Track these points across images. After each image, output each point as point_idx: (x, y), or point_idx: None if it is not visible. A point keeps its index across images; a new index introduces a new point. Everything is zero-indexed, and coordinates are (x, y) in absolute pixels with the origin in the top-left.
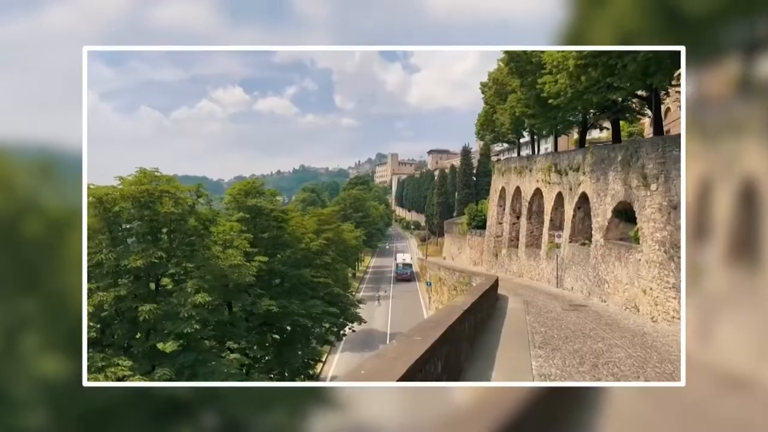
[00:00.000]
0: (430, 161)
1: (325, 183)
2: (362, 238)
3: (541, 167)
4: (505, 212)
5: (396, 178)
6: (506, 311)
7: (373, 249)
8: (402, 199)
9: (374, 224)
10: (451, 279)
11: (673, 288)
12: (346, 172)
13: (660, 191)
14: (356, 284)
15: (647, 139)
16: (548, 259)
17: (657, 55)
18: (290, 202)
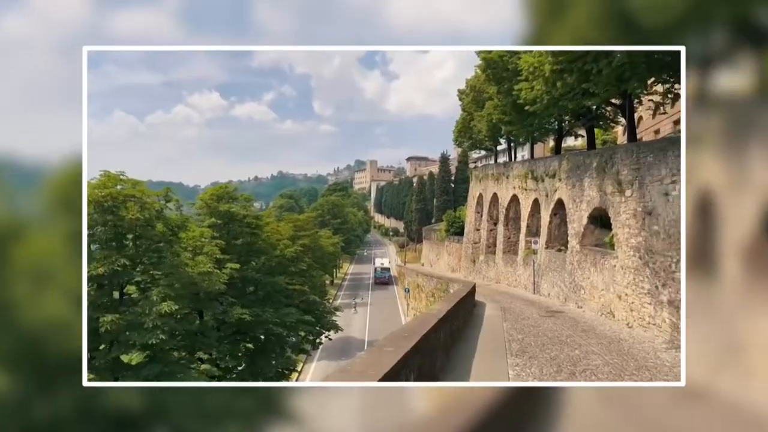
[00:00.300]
0: (409, 168)
1: (304, 189)
2: (340, 245)
3: (518, 174)
4: (483, 219)
5: (375, 184)
6: (483, 318)
7: (352, 256)
8: (381, 206)
9: (353, 231)
10: (429, 285)
11: (648, 294)
12: (325, 179)
13: (634, 197)
14: (334, 291)
15: (622, 146)
16: (525, 265)
17: (632, 60)
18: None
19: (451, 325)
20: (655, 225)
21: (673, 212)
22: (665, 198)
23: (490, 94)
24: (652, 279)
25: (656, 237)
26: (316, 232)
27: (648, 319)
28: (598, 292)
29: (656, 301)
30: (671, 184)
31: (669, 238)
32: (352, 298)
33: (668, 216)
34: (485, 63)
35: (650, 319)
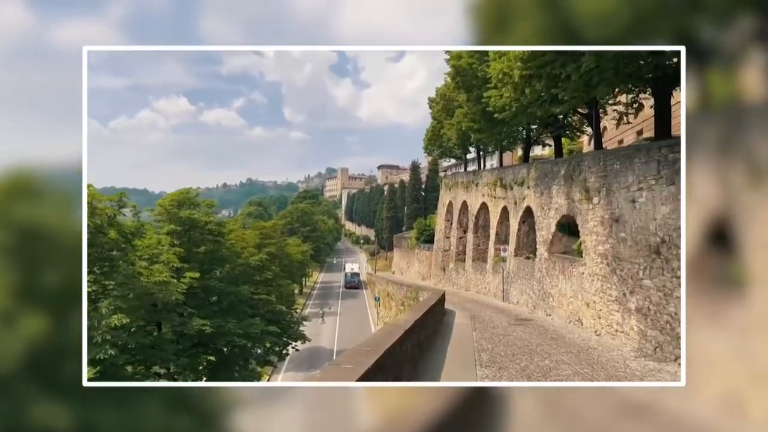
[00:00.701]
0: (380, 176)
1: (273, 197)
2: (309, 253)
3: (487, 182)
4: (453, 226)
5: (346, 192)
6: (453, 327)
7: (322, 264)
8: (352, 214)
9: (323, 239)
10: (400, 294)
11: (616, 301)
12: (295, 186)
13: (602, 204)
14: (303, 300)
15: (589, 154)
16: (494, 272)
17: (600, 66)
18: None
19: (419, 336)
20: (623, 232)
21: (639, 219)
22: (632, 205)
23: (460, 102)
24: (619, 286)
25: (623, 244)
26: (283, 239)
27: (616, 327)
28: (566, 300)
29: (624, 309)
30: (638, 191)
31: (636, 245)
32: (321, 307)
33: (635, 223)
34: (454, 70)
35: (618, 326)
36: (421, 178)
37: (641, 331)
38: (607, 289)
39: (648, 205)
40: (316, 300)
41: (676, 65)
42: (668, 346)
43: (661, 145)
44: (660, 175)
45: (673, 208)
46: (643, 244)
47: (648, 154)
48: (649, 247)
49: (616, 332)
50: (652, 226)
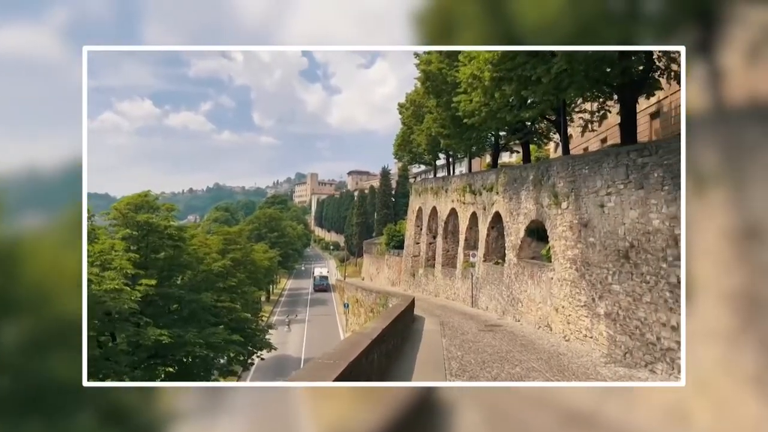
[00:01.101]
0: (350, 182)
1: (241, 202)
2: (277, 259)
3: (457, 188)
4: (422, 232)
5: (315, 198)
6: (422, 334)
7: (290, 271)
8: (321, 220)
9: (291, 245)
10: (369, 300)
11: (585, 306)
12: (264, 192)
13: (570, 209)
14: (270, 308)
15: (557, 159)
16: (463, 278)
17: (572, 68)
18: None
19: (388, 345)
20: (591, 237)
21: (608, 224)
22: (601, 210)
23: (430, 107)
24: (588, 291)
25: (592, 249)
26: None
27: (585, 332)
28: (535, 305)
29: (593, 314)
30: (607, 196)
31: (605, 249)
32: (287, 314)
33: (604, 228)
34: (424, 75)
35: (587, 332)
36: (391, 184)
37: (610, 337)
38: (576, 295)
39: (617, 209)
40: (283, 307)
41: (641, 72)
42: (638, 352)
43: (629, 149)
44: (629, 179)
45: (642, 212)
46: (612, 248)
47: (617, 159)
48: (618, 252)
49: (585, 337)
50: (621, 230)
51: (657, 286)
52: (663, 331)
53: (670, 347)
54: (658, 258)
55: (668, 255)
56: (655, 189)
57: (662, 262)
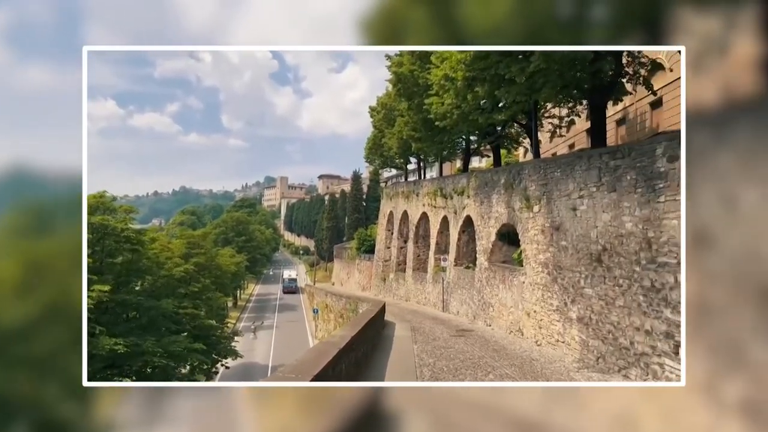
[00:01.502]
0: (321, 186)
1: (208, 206)
2: (244, 264)
3: (428, 191)
4: (393, 236)
5: (285, 201)
6: (393, 340)
7: (257, 276)
8: (291, 224)
9: (259, 249)
10: (338, 305)
11: (557, 311)
12: (232, 195)
13: (542, 213)
14: (237, 314)
15: (529, 162)
16: (434, 282)
17: (547, 67)
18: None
19: (357, 353)
20: (564, 240)
21: (580, 227)
22: (573, 213)
23: (401, 110)
24: (560, 295)
25: (564, 252)
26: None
27: (557, 337)
28: (506, 310)
29: (565, 318)
30: (579, 199)
31: (577, 253)
32: (254, 321)
33: (576, 231)
34: (396, 77)
35: (559, 336)
36: (362, 188)
37: (583, 341)
38: (548, 299)
39: (589, 212)
40: (251, 313)
41: (611, 77)
42: (611, 357)
43: (602, 152)
44: (601, 182)
45: (615, 215)
46: (584, 252)
47: (589, 162)
48: (591, 255)
49: (557, 342)
50: (594, 234)
51: (630, 289)
52: (637, 336)
53: (644, 352)
54: (631, 261)
55: (641, 258)
56: (627, 192)
57: (635, 266)
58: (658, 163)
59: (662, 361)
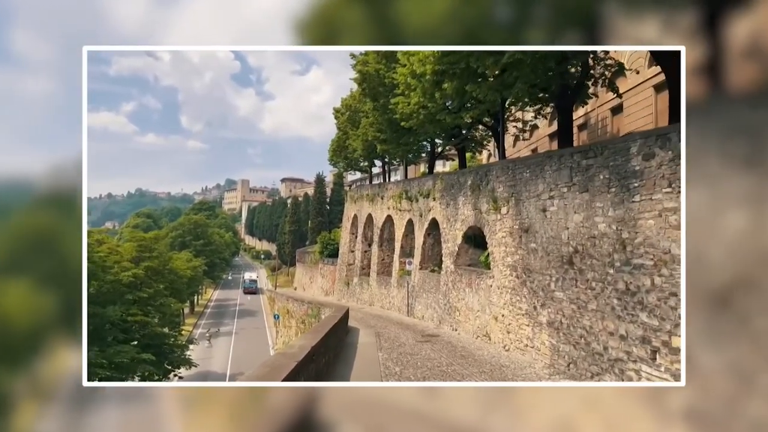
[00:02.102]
0: (284, 189)
1: (165, 209)
2: (202, 268)
3: (393, 194)
4: (357, 240)
5: (246, 205)
6: (357, 347)
7: (216, 281)
8: (252, 228)
9: (218, 253)
10: (300, 311)
11: (526, 315)
12: (191, 198)
13: (511, 214)
14: (194, 320)
15: (497, 163)
16: (399, 286)
17: (521, 59)
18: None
19: (317, 364)
20: (533, 242)
21: (551, 229)
22: (543, 214)
23: (366, 111)
24: (530, 299)
25: (534, 255)
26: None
27: (526, 342)
28: (473, 314)
29: (534, 323)
30: (549, 199)
31: (547, 255)
32: (210, 328)
33: (546, 233)
34: (361, 76)
35: (528, 341)
36: (326, 192)
37: (553, 347)
38: (517, 302)
39: (560, 213)
40: (209, 319)
41: (578, 80)
42: (583, 363)
43: (573, 151)
44: (572, 182)
45: (587, 216)
46: (554, 254)
47: (560, 161)
48: (561, 257)
49: (526, 347)
50: (565, 235)
51: (603, 293)
52: (611, 341)
53: (619, 357)
54: (605, 263)
55: (615, 260)
56: (600, 191)
57: (609, 268)
58: (633, 162)
59: (638, 367)
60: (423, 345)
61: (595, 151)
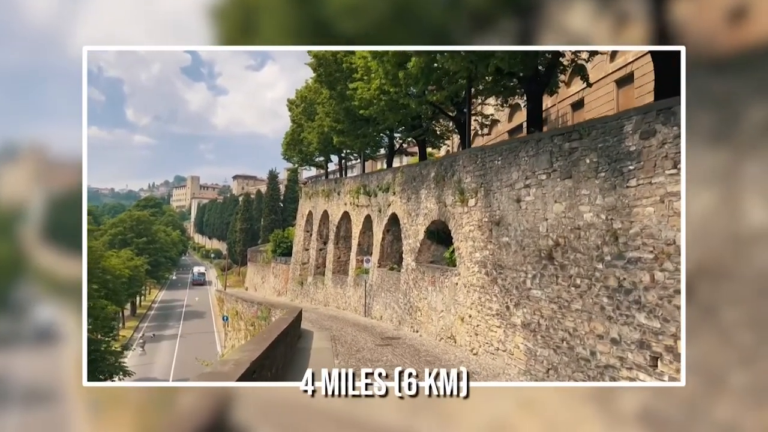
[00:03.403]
0: (236, 186)
1: (108, 205)
2: (145, 268)
3: (350, 189)
4: (312, 238)
5: (196, 202)
6: (309, 353)
7: (160, 280)
8: (202, 226)
9: (163, 251)
10: (249, 312)
11: (497, 315)
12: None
13: (479, 206)
14: (135, 323)
15: (464, 152)
16: (356, 286)
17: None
18: None
19: (262, 378)
20: (505, 236)
21: (526, 221)
22: (517, 205)
23: (322, 99)
24: (501, 298)
25: (506, 250)
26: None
27: (497, 345)
28: (436, 314)
29: (507, 324)
30: (524, 188)
31: (523, 250)
32: (150, 331)
33: (521, 225)
34: (316, 61)
35: (500, 344)
36: (279, 189)
37: (529, 350)
38: (487, 302)
39: (537, 203)
40: (152, 322)
41: (546, 67)
42: (565, 369)
43: (553, 134)
44: (553, 168)
45: (570, 205)
46: (531, 248)
47: (537, 146)
48: (539, 251)
49: (498, 351)
50: (543, 227)
51: (590, 290)
52: (599, 345)
53: (610, 364)
54: (592, 258)
55: (605, 254)
56: (587, 177)
57: (597, 263)
58: (628, 142)
59: (634, 375)
60: (383, 349)
61: (581, 132)
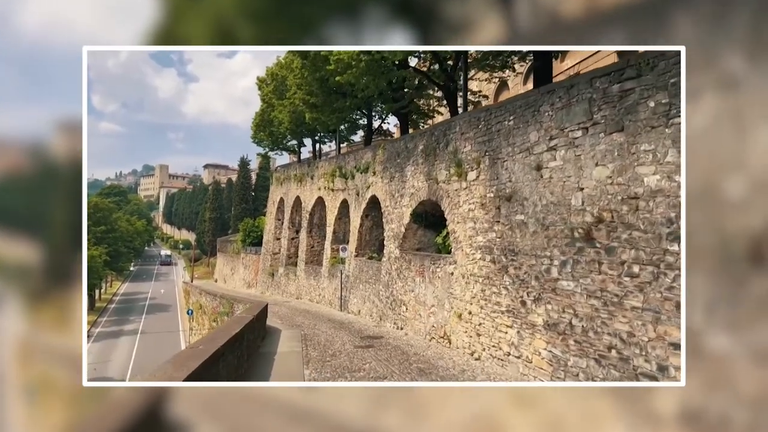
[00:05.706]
0: (206, 176)
1: None
2: (104, 259)
3: (324, 173)
4: (284, 226)
5: (165, 191)
6: (275, 358)
7: (120, 272)
8: (171, 216)
9: (124, 241)
10: (212, 306)
11: (509, 312)
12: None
13: (482, 180)
14: (94, 317)
15: (461, 116)
16: (331, 277)
17: None
18: None
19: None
20: (520, 214)
21: (551, 193)
22: (536, 174)
23: (294, 69)
24: (515, 291)
25: (521, 231)
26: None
27: (507, 349)
28: (425, 310)
29: (523, 323)
30: (548, 152)
31: (545, 230)
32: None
33: (543, 199)
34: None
35: (511, 348)
36: (250, 176)
37: (556, 359)
38: (494, 295)
39: (568, 169)
40: (112, 316)
41: None
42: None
43: (595, 75)
44: (593, 120)
45: (621, 166)
46: (558, 228)
47: (569, 94)
48: (571, 231)
49: (508, 356)
50: (577, 199)
51: (658, 280)
52: (673, 357)
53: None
54: (659, 237)
55: (677, 229)
56: (650, 127)
57: (666, 242)
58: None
59: None
60: (364, 353)
61: (638, 67)
